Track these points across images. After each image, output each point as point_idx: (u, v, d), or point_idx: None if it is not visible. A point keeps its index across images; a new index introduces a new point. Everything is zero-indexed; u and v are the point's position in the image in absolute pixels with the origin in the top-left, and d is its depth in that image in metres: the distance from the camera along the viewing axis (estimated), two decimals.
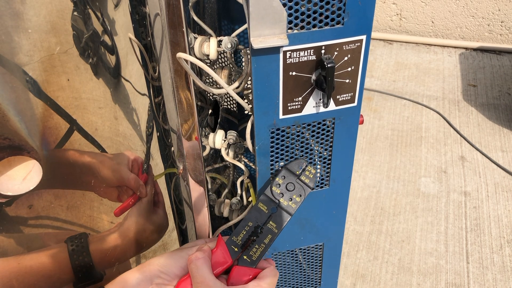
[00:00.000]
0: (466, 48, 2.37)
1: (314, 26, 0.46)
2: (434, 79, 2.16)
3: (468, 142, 1.77)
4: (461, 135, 1.81)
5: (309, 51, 0.47)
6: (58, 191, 0.47)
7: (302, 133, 0.56)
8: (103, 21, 0.47)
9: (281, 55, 0.47)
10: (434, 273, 1.31)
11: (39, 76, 0.41)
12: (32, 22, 0.39)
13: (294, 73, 0.49)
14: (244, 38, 0.69)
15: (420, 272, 1.31)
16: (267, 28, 0.44)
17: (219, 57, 0.69)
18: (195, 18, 0.55)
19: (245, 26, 0.49)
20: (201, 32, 0.57)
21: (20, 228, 0.46)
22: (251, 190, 0.65)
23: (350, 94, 0.53)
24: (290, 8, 0.44)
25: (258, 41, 0.44)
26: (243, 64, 0.54)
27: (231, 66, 0.60)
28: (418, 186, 1.59)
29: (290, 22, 0.45)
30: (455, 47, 2.39)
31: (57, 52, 0.42)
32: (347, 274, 1.32)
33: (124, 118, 0.52)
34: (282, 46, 0.46)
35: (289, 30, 0.45)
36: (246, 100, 0.65)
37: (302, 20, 0.45)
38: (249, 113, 0.74)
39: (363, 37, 0.48)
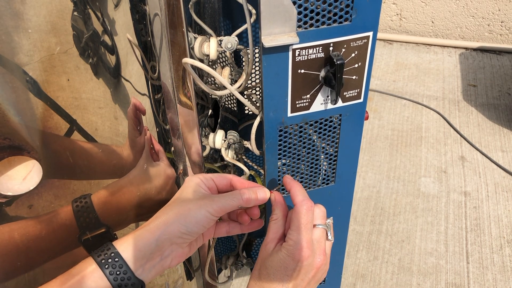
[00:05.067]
0: (466, 48, 2.37)
1: (322, 23, 0.46)
2: (434, 79, 2.16)
3: (468, 142, 1.77)
4: (461, 135, 1.81)
5: (317, 48, 0.48)
6: (58, 191, 0.47)
7: (309, 130, 0.56)
8: (103, 21, 0.47)
9: (290, 53, 0.47)
10: (434, 273, 1.31)
11: (39, 76, 0.41)
12: (32, 22, 0.39)
13: (302, 71, 0.49)
14: (245, 38, 0.69)
15: (420, 272, 1.31)
16: (278, 26, 0.44)
17: (219, 56, 0.69)
18: (195, 18, 0.55)
19: (245, 26, 0.49)
20: (201, 32, 0.57)
21: None
22: (258, 180, 0.65)
23: (356, 91, 0.53)
24: (299, 6, 0.44)
25: (269, 40, 0.44)
26: (243, 63, 0.54)
27: (230, 65, 0.60)
28: (418, 186, 1.59)
29: (299, 20, 0.45)
30: (455, 47, 2.39)
31: (57, 52, 0.41)
32: (347, 274, 1.31)
33: (124, 118, 0.52)
34: (292, 44, 0.46)
35: (298, 28, 0.45)
36: (249, 101, 0.65)
37: (311, 18, 0.45)
38: (250, 112, 0.75)
39: (370, 34, 0.49)
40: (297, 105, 0.52)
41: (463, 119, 1.90)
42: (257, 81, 0.69)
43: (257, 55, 0.65)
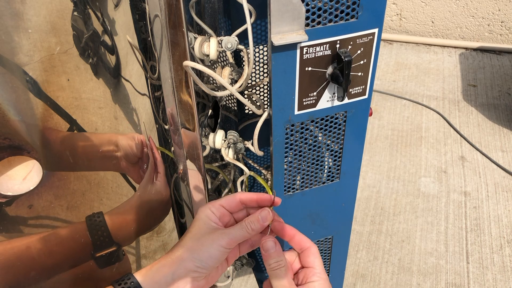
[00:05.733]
0: (466, 48, 2.37)
1: (329, 21, 0.47)
2: (434, 79, 2.16)
3: (468, 142, 1.77)
4: (461, 135, 1.81)
5: (324, 46, 0.48)
6: (58, 190, 0.47)
7: (315, 127, 0.56)
8: (103, 21, 0.47)
9: (298, 51, 0.47)
10: (434, 273, 1.31)
11: (39, 76, 0.41)
12: (32, 22, 0.39)
13: (310, 69, 0.49)
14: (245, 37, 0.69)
15: (420, 272, 1.31)
16: (287, 24, 0.44)
17: (219, 56, 0.69)
18: (195, 18, 0.55)
19: (245, 26, 0.49)
20: (201, 31, 0.57)
21: (20, 228, 0.45)
22: (265, 185, 0.65)
23: (362, 87, 0.54)
24: (307, 4, 0.44)
25: (278, 38, 0.44)
26: (244, 63, 0.54)
27: (231, 65, 0.60)
28: (418, 186, 1.59)
29: (307, 18, 0.45)
30: (455, 47, 2.39)
31: (57, 52, 0.41)
32: (347, 274, 1.31)
33: (124, 118, 0.52)
34: (301, 42, 0.46)
35: (305, 26, 0.46)
36: (249, 101, 0.65)
37: (319, 16, 0.46)
38: (251, 112, 0.74)
39: (375, 30, 0.49)
40: (304, 103, 0.52)
41: (463, 119, 1.90)
42: (257, 80, 0.69)
43: (257, 54, 0.65)
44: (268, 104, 0.55)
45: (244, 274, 1.29)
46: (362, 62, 0.51)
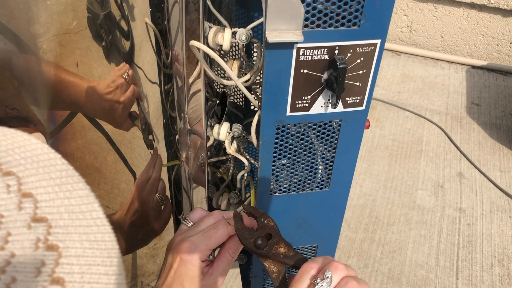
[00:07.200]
0: (473, 66, 2.37)
1: (330, 25, 0.46)
2: (438, 94, 2.16)
3: (467, 159, 1.78)
4: (461, 152, 1.81)
5: (322, 50, 0.47)
6: None
7: (308, 132, 0.55)
8: (120, 4, 0.46)
9: (294, 51, 0.46)
10: (423, 286, 1.31)
11: (52, 50, 0.41)
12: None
13: (305, 71, 0.48)
14: (258, 32, 0.69)
15: (409, 283, 1.31)
16: (284, 23, 0.44)
17: (231, 49, 0.69)
18: (211, 8, 0.55)
19: (261, 20, 0.49)
20: (217, 22, 0.57)
21: None
22: (252, 190, 0.65)
23: (359, 98, 0.53)
24: (308, 5, 0.44)
25: (273, 35, 0.44)
26: (255, 58, 0.54)
27: (242, 58, 0.60)
28: (414, 199, 1.60)
29: (306, 19, 0.44)
30: (462, 64, 2.39)
31: (72, 30, 0.41)
32: None
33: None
34: (297, 43, 0.45)
35: (304, 28, 0.45)
36: (253, 95, 0.65)
37: (319, 19, 0.45)
38: (256, 108, 0.75)
39: (378, 41, 0.48)
40: (297, 105, 0.51)
41: (464, 136, 1.90)
42: None
43: None
44: None
45: (237, 267, 1.29)
46: (361, 72, 0.50)
